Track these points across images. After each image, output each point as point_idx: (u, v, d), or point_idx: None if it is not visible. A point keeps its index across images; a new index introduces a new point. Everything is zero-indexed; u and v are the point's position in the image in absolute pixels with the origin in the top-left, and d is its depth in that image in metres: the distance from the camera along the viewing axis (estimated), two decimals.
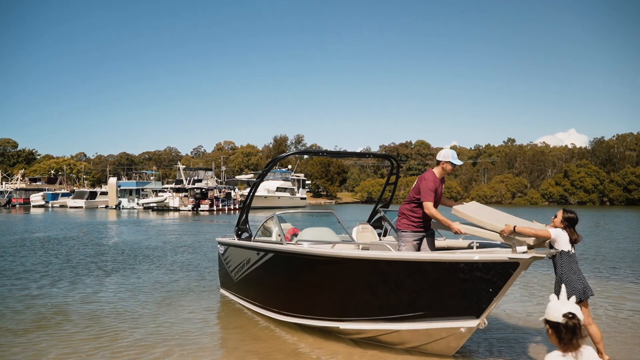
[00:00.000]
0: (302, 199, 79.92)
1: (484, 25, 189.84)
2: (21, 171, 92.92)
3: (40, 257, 15.14)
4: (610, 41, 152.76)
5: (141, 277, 11.66)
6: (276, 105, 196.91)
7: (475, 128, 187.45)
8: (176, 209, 59.50)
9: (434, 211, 5.96)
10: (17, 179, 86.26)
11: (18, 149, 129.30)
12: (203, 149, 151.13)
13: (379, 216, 8.83)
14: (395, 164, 8.70)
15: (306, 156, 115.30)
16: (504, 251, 5.10)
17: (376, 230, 8.53)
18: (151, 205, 62.31)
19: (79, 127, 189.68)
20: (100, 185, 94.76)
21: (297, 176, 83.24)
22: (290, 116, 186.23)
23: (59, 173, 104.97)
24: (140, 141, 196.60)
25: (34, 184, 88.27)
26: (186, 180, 65.18)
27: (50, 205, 73.71)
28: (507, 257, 4.85)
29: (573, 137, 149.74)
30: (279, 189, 72.51)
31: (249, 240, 8.18)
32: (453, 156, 6.19)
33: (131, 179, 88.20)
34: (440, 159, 6.24)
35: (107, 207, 69.47)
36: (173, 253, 16.32)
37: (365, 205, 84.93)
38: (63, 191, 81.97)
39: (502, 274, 4.95)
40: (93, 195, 74.46)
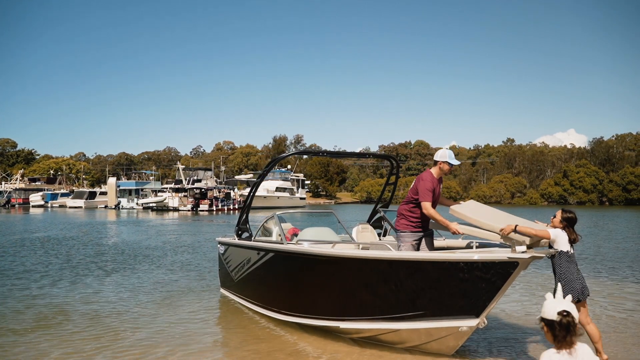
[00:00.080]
0: (301, 199, 79.95)
1: (483, 25, 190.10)
2: (20, 171, 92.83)
3: (40, 257, 15.15)
4: (609, 41, 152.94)
5: (141, 277, 11.68)
6: (275, 105, 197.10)
7: (475, 128, 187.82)
8: (175, 209, 59.52)
9: (432, 211, 6.00)
10: (17, 179, 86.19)
11: (17, 148, 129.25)
12: (202, 149, 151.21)
13: (378, 216, 8.86)
14: (395, 164, 8.72)
15: (305, 156, 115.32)
16: (504, 251, 5.12)
17: (376, 230, 8.56)
18: (150, 205, 62.32)
19: (78, 127, 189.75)
20: (99, 185, 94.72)
21: (296, 176, 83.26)
22: (289, 116, 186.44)
23: (58, 173, 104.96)
24: (139, 141, 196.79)
25: (33, 184, 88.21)
26: (185, 180, 65.19)
27: (49, 205, 73.67)
28: (507, 257, 4.88)
29: (572, 137, 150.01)
30: (278, 189, 72.53)
31: (250, 240, 8.21)
32: (450, 156, 6.24)
33: (130, 179, 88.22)
34: (437, 159, 6.29)
35: (106, 207, 69.45)
36: (173, 253, 16.34)
37: (365, 205, 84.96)
38: (62, 191, 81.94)
39: (501, 273, 4.97)
40: (92, 195, 74.44)
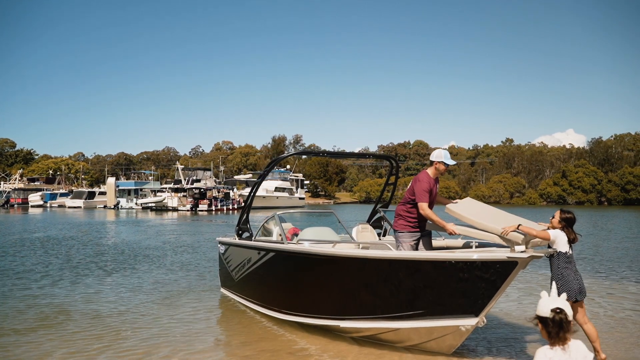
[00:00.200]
0: (300, 199, 79.99)
1: (482, 26, 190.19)
2: (19, 171, 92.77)
3: (40, 257, 15.17)
4: (608, 41, 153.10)
5: (141, 277, 11.71)
6: (275, 105, 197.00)
7: (474, 128, 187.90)
8: (175, 209, 59.53)
9: (429, 212, 6.07)
10: (16, 179, 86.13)
11: (16, 148, 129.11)
12: (201, 149, 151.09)
13: (378, 216, 8.89)
14: (395, 164, 8.76)
15: (305, 156, 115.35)
16: (503, 250, 5.15)
17: (376, 230, 8.60)
18: (150, 205, 62.33)
19: (77, 127, 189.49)
20: (98, 185, 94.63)
21: (295, 176, 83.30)
22: (288, 116, 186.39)
23: (57, 173, 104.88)
24: (138, 141, 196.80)
25: (32, 184, 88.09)
26: (185, 180, 65.18)
27: (48, 205, 73.61)
28: (506, 256, 4.92)
29: (571, 137, 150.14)
30: (277, 189, 72.56)
31: (250, 240, 8.24)
32: (446, 156, 6.31)
33: (129, 179, 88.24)
34: (433, 159, 6.37)
35: (105, 207, 69.42)
36: (173, 253, 16.37)
37: (364, 205, 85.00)
38: (61, 191, 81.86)
39: (500, 272, 5.01)
40: (91, 195, 74.39)
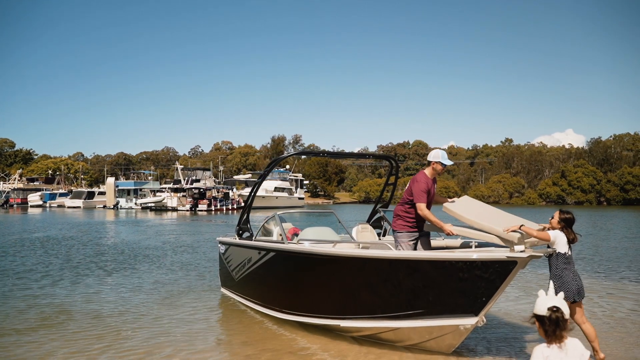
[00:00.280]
0: (299, 198, 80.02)
1: (481, 26, 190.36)
2: (19, 171, 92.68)
3: (40, 257, 15.19)
4: (607, 41, 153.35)
5: (142, 277, 11.73)
6: (274, 105, 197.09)
7: (473, 128, 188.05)
8: (174, 209, 59.52)
9: (427, 212, 6.12)
10: (15, 179, 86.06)
11: (15, 148, 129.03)
12: (201, 149, 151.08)
13: (378, 216, 8.92)
14: (395, 164, 8.79)
15: (304, 156, 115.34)
16: (502, 250, 5.18)
17: (375, 230, 8.62)
18: (149, 205, 62.32)
19: (77, 127, 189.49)
20: (98, 185, 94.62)
21: (295, 176, 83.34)
22: (288, 116, 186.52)
23: (56, 173, 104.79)
24: (137, 141, 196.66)
25: (32, 184, 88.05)
26: (184, 180, 65.20)
27: (47, 205, 73.55)
28: (505, 256, 4.95)
29: (570, 137, 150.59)
30: (276, 188, 72.58)
31: (250, 240, 8.27)
32: (443, 156, 6.35)
33: (129, 178, 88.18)
34: (430, 160, 6.42)
35: (105, 207, 69.39)
36: (172, 253, 16.39)
37: (363, 206, 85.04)
38: (61, 191, 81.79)
39: (500, 272, 5.04)
40: (91, 195, 74.38)
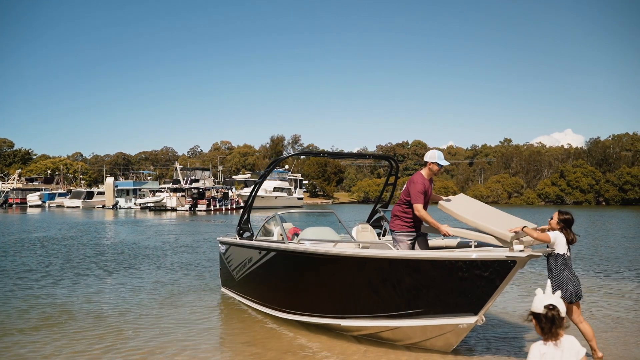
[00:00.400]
0: (299, 198, 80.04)
1: (481, 26, 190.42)
2: (18, 171, 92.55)
3: (41, 257, 15.21)
4: (607, 41, 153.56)
5: (142, 276, 11.76)
6: (273, 105, 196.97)
7: (472, 128, 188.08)
8: (173, 209, 59.49)
9: (424, 213, 6.21)
10: (14, 179, 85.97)
11: (14, 148, 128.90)
12: (200, 149, 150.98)
13: (378, 216, 8.97)
14: (395, 165, 8.84)
15: (303, 156, 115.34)
16: (502, 250, 5.23)
17: (375, 230, 8.67)
18: (148, 205, 62.30)
19: (76, 127, 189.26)
20: (97, 185, 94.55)
21: (294, 176, 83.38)
22: (287, 116, 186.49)
23: (55, 173, 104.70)
24: (136, 141, 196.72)
25: (31, 183, 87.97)
26: (183, 180, 65.17)
27: (47, 205, 73.49)
28: (505, 256, 4.99)
29: (569, 137, 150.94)
30: (276, 188, 72.60)
31: (251, 240, 8.30)
32: (439, 157, 6.42)
33: (128, 179, 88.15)
34: (427, 160, 6.51)
35: (104, 207, 69.35)
36: (172, 253, 16.41)
37: (362, 206, 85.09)
38: (60, 191, 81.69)
39: (499, 271, 5.08)
40: (90, 195, 74.31)
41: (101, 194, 73.88)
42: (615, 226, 30.72)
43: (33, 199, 74.79)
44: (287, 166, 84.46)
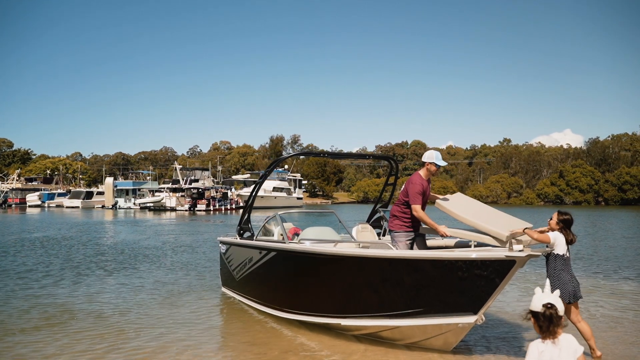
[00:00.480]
0: (298, 198, 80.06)
1: (480, 26, 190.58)
2: (17, 171, 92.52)
3: (41, 257, 15.23)
4: (606, 41, 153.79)
5: (142, 276, 11.78)
6: (272, 105, 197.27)
7: (471, 128, 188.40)
8: (173, 209, 59.52)
9: (422, 214, 6.26)
10: (13, 179, 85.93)
11: (14, 148, 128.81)
12: (199, 149, 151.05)
13: (378, 216, 9.00)
14: (395, 165, 8.86)
15: (303, 156, 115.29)
16: (501, 249, 5.26)
17: (375, 230, 8.70)
18: (148, 205, 62.32)
19: (75, 127, 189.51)
20: (96, 185, 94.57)
21: (293, 176, 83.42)
22: (286, 116, 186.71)
23: (55, 173, 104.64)
24: (136, 141, 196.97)
25: (30, 183, 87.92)
26: (183, 180, 65.19)
27: (46, 205, 73.49)
28: (504, 255, 5.02)
29: (568, 137, 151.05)
30: (275, 188, 72.63)
31: (251, 240, 8.33)
32: (437, 157, 6.46)
33: (127, 178, 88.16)
34: (424, 160, 6.55)
35: (103, 207, 69.38)
36: (172, 253, 16.44)
37: (362, 206, 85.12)
38: (59, 191, 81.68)
39: (499, 271, 5.11)
40: (89, 195, 74.34)
41: (100, 194, 73.92)
42: (615, 226, 30.76)
43: (32, 199, 74.82)
44: (286, 166, 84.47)
